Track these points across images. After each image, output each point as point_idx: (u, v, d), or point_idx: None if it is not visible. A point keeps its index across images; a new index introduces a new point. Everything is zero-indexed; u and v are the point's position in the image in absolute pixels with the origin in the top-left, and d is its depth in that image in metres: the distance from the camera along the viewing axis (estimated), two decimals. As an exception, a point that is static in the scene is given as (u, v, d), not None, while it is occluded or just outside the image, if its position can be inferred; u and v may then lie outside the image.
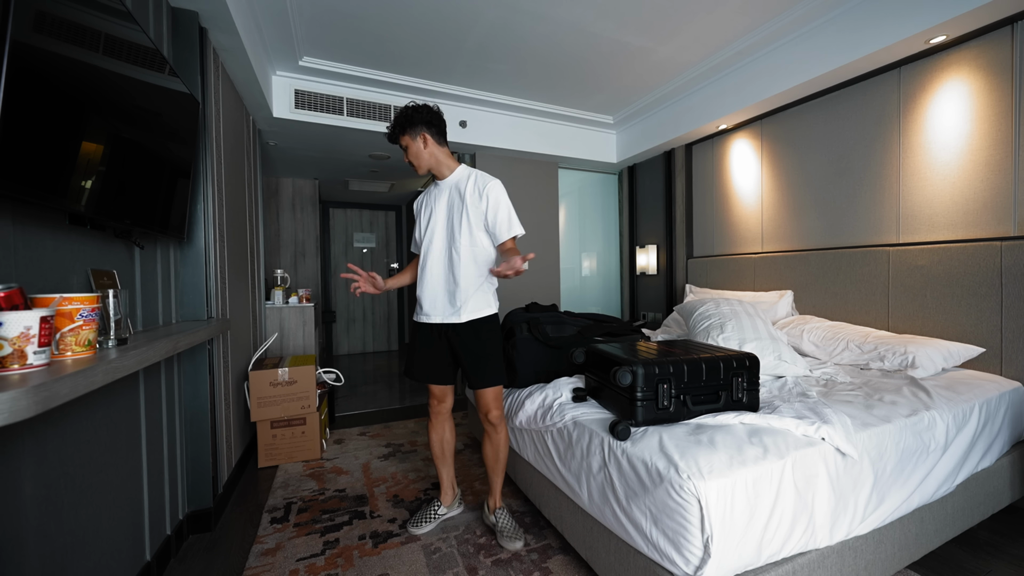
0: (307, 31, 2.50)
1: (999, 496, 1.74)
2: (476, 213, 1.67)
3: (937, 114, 2.14)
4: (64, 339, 0.94)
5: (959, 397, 1.64)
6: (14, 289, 0.84)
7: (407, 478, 2.32)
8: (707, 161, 3.49)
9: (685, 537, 1.08)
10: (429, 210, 1.76)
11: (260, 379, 2.46)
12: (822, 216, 2.68)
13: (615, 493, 1.29)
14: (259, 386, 2.46)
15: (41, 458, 1.02)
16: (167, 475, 1.70)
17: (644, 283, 4.15)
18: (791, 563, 1.19)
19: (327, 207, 5.94)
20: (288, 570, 1.60)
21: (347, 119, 3.10)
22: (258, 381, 2.46)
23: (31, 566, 0.98)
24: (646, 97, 3.45)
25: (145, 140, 1.37)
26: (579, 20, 2.42)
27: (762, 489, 1.13)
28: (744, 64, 2.81)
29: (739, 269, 3.16)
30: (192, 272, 1.88)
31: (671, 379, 1.38)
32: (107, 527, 1.28)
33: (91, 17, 1.08)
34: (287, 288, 3.69)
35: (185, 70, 1.82)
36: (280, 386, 2.50)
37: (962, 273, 2.02)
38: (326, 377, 3.01)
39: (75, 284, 1.19)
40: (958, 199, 2.08)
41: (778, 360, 1.98)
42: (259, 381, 2.46)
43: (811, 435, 1.28)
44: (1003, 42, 1.92)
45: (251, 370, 2.47)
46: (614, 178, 4.52)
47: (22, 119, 0.86)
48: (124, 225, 1.31)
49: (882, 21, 2.11)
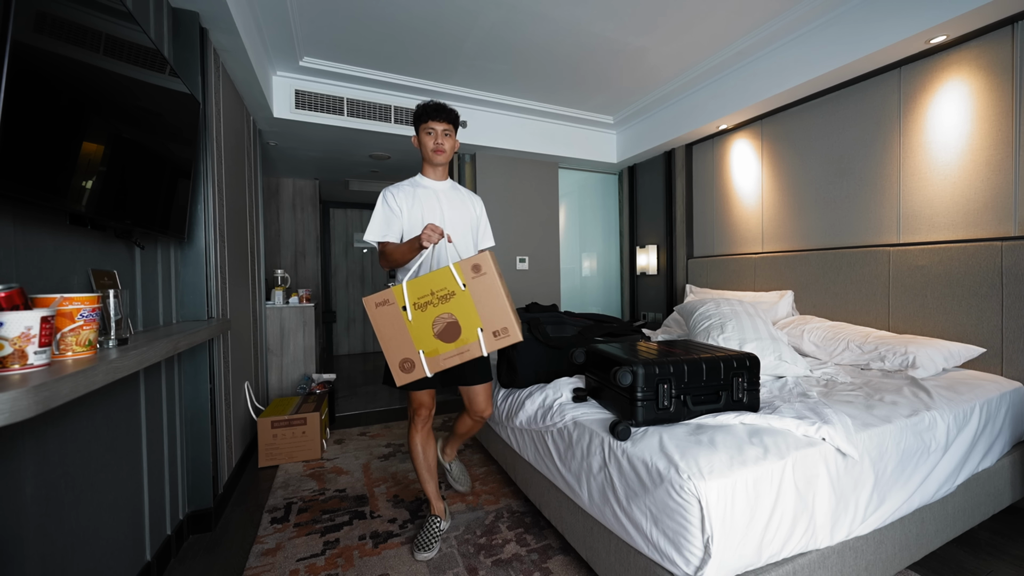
0: (307, 31, 2.50)
1: (1000, 496, 1.74)
2: (475, 218, 1.84)
3: (937, 114, 2.14)
4: (65, 339, 0.94)
5: (960, 397, 1.64)
6: (15, 289, 0.84)
7: (407, 478, 2.32)
8: (707, 161, 3.49)
9: (685, 537, 1.08)
10: (421, 208, 1.71)
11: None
12: (822, 216, 2.68)
13: (615, 493, 1.29)
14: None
15: (42, 458, 1.02)
16: (167, 475, 1.70)
17: (644, 283, 4.15)
18: (792, 563, 1.19)
19: (327, 207, 5.94)
20: (288, 570, 1.60)
21: (347, 119, 3.11)
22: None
23: (31, 566, 0.98)
24: (646, 97, 3.45)
25: (146, 140, 1.37)
26: (579, 20, 2.42)
27: (762, 489, 1.13)
28: (744, 64, 2.81)
29: (739, 269, 3.16)
30: (192, 272, 1.88)
31: (671, 379, 1.38)
32: (107, 527, 1.28)
33: (92, 17, 1.08)
34: (287, 288, 3.69)
35: (186, 70, 1.82)
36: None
37: (962, 273, 2.01)
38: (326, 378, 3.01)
39: (76, 284, 1.19)
40: (958, 199, 2.07)
41: (778, 360, 1.97)
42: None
43: (811, 435, 1.28)
44: (1003, 42, 1.92)
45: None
46: (614, 178, 4.52)
47: (23, 119, 0.86)
48: (125, 225, 1.31)
49: (882, 21, 2.11)
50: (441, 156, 1.70)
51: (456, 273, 1.41)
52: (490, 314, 1.41)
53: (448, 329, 1.42)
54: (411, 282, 1.41)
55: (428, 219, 1.70)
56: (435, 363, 1.44)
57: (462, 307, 1.41)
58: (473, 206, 1.83)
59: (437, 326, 1.42)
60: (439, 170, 1.77)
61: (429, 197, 1.73)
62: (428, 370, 1.43)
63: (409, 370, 1.44)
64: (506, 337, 1.42)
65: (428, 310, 1.41)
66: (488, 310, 1.41)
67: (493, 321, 1.42)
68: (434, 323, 1.41)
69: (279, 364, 3.49)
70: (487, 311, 1.41)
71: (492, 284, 1.41)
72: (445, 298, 1.41)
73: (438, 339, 1.42)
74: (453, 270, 1.40)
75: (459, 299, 1.40)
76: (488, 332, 1.42)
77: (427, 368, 1.43)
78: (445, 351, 1.42)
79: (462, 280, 1.40)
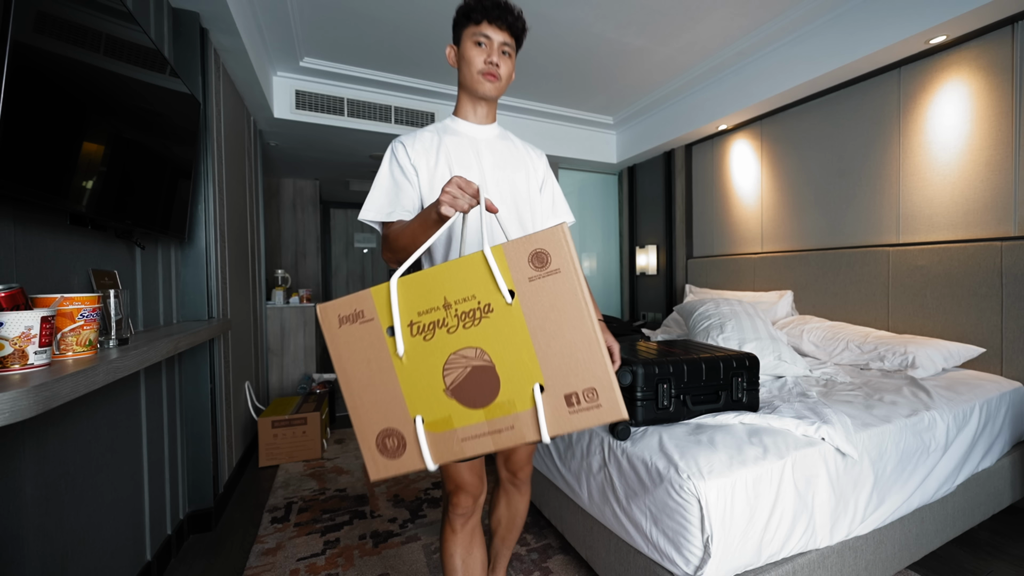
0: (308, 32, 2.50)
1: (1000, 496, 1.74)
2: (534, 183, 1.18)
3: (937, 114, 2.14)
4: (65, 339, 0.95)
5: (959, 397, 1.64)
6: (15, 289, 0.84)
7: (407, 478, 2.32)
8: (707, 161, 3.49)
9: (685, 537, 1.08)
10: (449, 165, 1.08)
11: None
12: (822, 216, 2.68)
13: (615, 493, 1.29)
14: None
15: (42, 458, 1.03)
16: (168, 475, 1.70)
17: (644, 283, 4.15)
18: (791, 563, 1.19)
19: (328, 207, 5.94)
20: (288, 570, 1.61)
21: (348, 119, 3.11)
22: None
23: (32, 566, 0.98)
24: (646, 97, 3.45)
25: (146, 140, 1.37)
26: (579, 21, 2.42)
27: (762, 489, 1.13)
28: (744, 64, 2.81)
29: (739, 269, 3.16)
30: (193, 272, 1.88)
31: (671, 379, 1.38)
32: (108, 526, 1.28)
33: (92, 18, 1.08)
34: (288, 288, 3.69)
35: (186, 71, 1.82)
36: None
37: (962, 273, 2.02)
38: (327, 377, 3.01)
39: (76, 284, 1.20)
40: (958, 199, 2.07)
41: (778, 360, 1.98)
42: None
43: (811, 435, 1.28)
44: (1003, 42, 1.92)
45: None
46: (614, 178, 4.52)
47: (23, 120, 0.86)
48: (125, 225, 1.31)
49: (882, 21, 2.11)
50: (492, 84, 1.06)
51: (495, 266, 0.66)
52: (562, 357, 0.65)
53: (474, 380, 0.68)
54: (408, 278, 0.70)
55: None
56: (446, 444, 0.70)
57: (505, 337, 0.66)
58: (533, 163, 1.19)
59: (452, 372, 0.69)
60: (484, 107, 1.12)
61: (463, 148, 1.10)
62: (430, 458, 0.70)
63: (394, 452, 0.72)
64: (592, 407, 0.64)
65: (438, 338, 0.69)
66: (558, 348, 0.65)
67: (567, 372, 0.65)
68: (447, 366, 0.69)
69: (279, 364, 3.49)
70: (556, 350, 0.65)
71: (570, 293, 0.64)
72: (472, 316, 0.68)
73: (453, 398, 0.69)
74: (490, 259, 0.66)
75: (500, 320, 0.66)
76: (555, 393, 0.66)
77: (428, 453, 0.70)
78: (466, 423, 0.69)
79: (508, 282, 0.66)
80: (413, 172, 1.07)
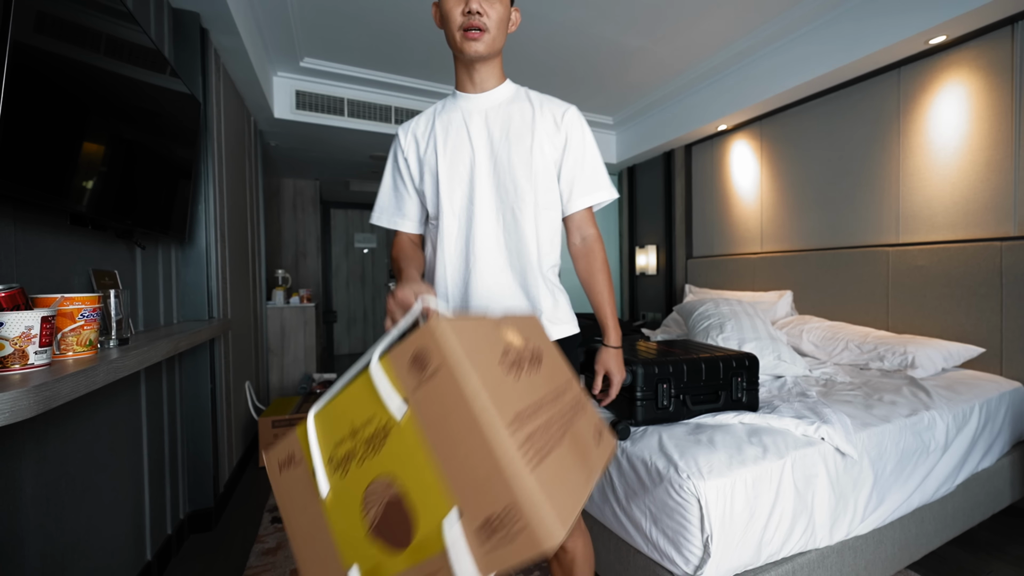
0: (308, 32, 2.51)
1: (999, 496, 1.74)
2: (552, 153, 0.99)
3: (937, 114, 2.14)
4: (65, 339, 0.95)
5: (959, 397, 1.64)
6: (15, 289, 0.84)
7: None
8: (707, 162, 3.49)
9: (685, 537, 1.08)
10: (448, 152, 0.97)
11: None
12: (821, 216, 2.68)
13: (615, 492, 1.29)
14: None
15: (42, 458, 1.03)
16: (168, 475, 1.70)
17: (644, 283, 4.15)
18: (791, 563, 1.19)
19: (328, 207, 5.94)
20: (289, 569, 1.61)
21: (348, 120, 3.11)
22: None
23: (32, 566, 0.98)
24: (646, 98, 3.45)
25: (147, 141, 1.38)
26: (579, 21, 2.42)
27: (762, 489, 1.13)
28: (743, 65, 2.81)
29: (739, 269, 3.16)
30: (193, 272, 1.88)
31: (671, 379, 1.38)
32: (108, 526, 1.28)
33: (92, 18, 1.08)
34: (288, 288, 3.69)
35: (186, 71, 1.82)
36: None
37: (962, 273, 2.02)
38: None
39: (76, 284, 1.20)
40: (958, 199, 2.07)
41: (777, 360, 1.98)
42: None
43: (811, 435, 1.28)
44: (1003, 42, 1.92)
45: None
46: (614, 178, 4.52)
47: (23, 120, 0.86)
48: (126, 225, 1.31)
49: (882, 21, 2.11)
50: (477, 41, 0.89)
51: (384, 379, 0.56)
52: (466, 471, 0.49)
53: (389, 516, 0.54)
54: (321, 412, 0.62)
55: (454, 170, 0.97)
56: None
57: (407, 459, 0.53)
58: (546, 127, 0.99)
59: (371, 508, 0.56)
60: (482, 70, 0.97)
61: (453, 128, 0.98)
62: None
63: None
64: (518, 531, 0.45)
65: (351, 472, 0.58)
66: (461, 462, 0.50)
67: (478, 490, 0.48)
68: (364, 501, 0.56)
69: (280, 364, 3.49)
70: (459, 464, 0.50)
71: (455, 394, 0.50)
72: (375, 440, 0.56)
73: (379, 538, 0.55)
74: (375, 373, 0.56)
75: (399, 440, 0.54)
76: (475, 518, 0.48)
77: None
78: (394, 572, 0.53)
79: (401, 393, 0.54)
80: (407, 169, 1.03)
